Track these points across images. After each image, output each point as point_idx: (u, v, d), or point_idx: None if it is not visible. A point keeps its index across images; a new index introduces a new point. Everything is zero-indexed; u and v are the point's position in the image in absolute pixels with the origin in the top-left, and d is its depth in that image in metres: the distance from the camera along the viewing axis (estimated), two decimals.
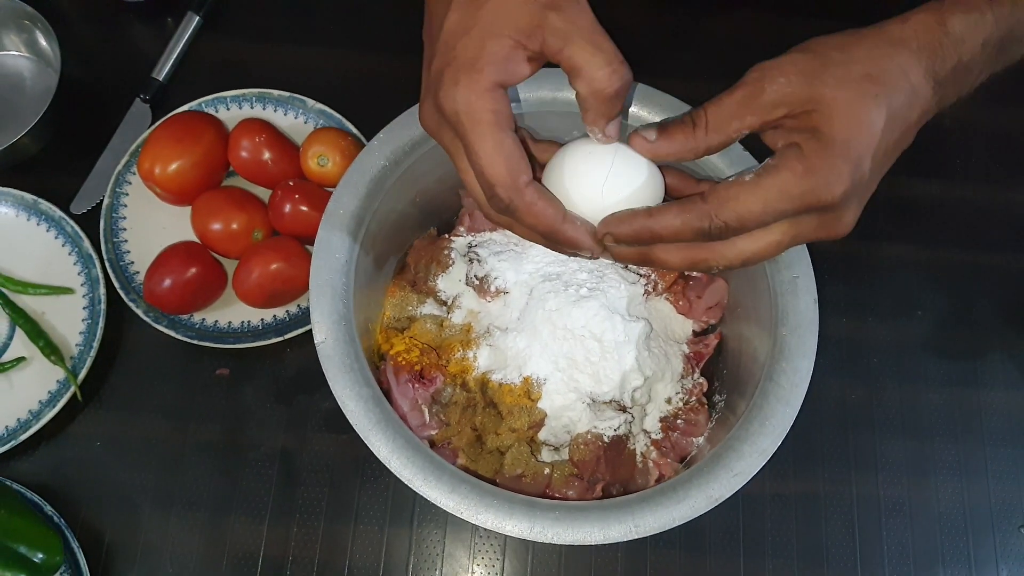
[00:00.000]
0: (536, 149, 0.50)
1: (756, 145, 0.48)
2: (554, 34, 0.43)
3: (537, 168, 0.49)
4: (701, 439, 0.66)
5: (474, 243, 0.70)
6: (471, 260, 0.69)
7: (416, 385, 0.65)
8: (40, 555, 0.64)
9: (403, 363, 0.66)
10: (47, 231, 0.77)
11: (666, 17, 0.90)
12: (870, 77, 0.43)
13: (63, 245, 0.76)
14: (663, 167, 0.49)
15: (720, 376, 0.69)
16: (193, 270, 0.72)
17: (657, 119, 0.64)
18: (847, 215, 0.45)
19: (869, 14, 0.47)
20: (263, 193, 0.78)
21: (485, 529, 0.69)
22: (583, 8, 0.44)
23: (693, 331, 0.71)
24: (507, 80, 0.45)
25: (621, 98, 0.45)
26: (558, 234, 0.46)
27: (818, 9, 0.84)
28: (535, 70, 0.46)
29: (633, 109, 0.65)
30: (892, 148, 0.45)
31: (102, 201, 0.77)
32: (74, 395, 0.71)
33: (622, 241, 0.46)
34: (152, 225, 0.77)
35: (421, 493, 0.54)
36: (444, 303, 0.69)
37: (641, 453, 0.66)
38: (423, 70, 0.48)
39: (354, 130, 0.79)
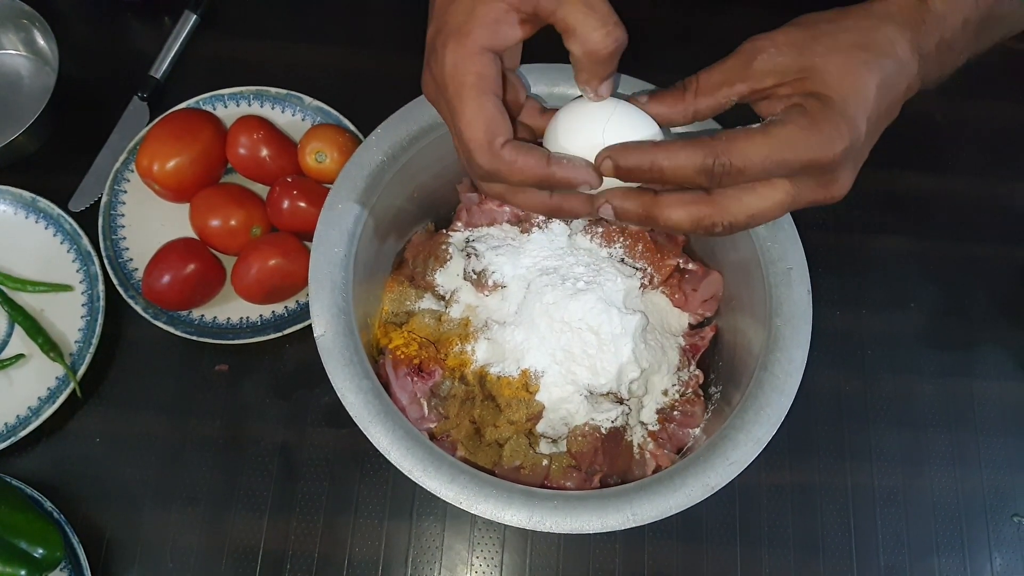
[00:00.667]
0: (543, 118, 0.50)
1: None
2: None
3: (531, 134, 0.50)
4: (697, 430, 0.67)
5: (471, 238, 0.71)
6: (468, 255, 0.69)
7: (415, 379, 0.65)
8: (40, 551, 0.64)
9: (402, 357, 0.66)
10: (46, 229, 0.77)
11: (670, 13, 0.91)
12: (859, 45, 0.45)
13: (62, 242, 0.76)
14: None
15: (716, 368, 0.70)
16: (192, 266, 0.72)
17: None
18: (843, 176, 0.45)
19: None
20: (261, 190, 0.78)
21: (484, 522, 0.70)
22: None
23: (689, 324, 0.72)
24: (496, 43, 0.45)
25: (615, 58, 0.45)
26: (550, 178, 0.45)
27: (813, 5, 0.85)
28: (529, 33, 0.46)
29: None
30: (883, 116, 0.46)
31: (100, 199, 0.77)
32: (73, 391, 0.71)
33: (622, 172, 0.45)
34: (151, 222, 0.77)
35: (420, 483, 0.55)
36: (442, 297, 0.70)
37: (638, 444, 0.67)
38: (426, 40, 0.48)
39: (351, 127, 0.79)
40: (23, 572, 0.63)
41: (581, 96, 0.48)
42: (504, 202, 0.49)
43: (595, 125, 0.46)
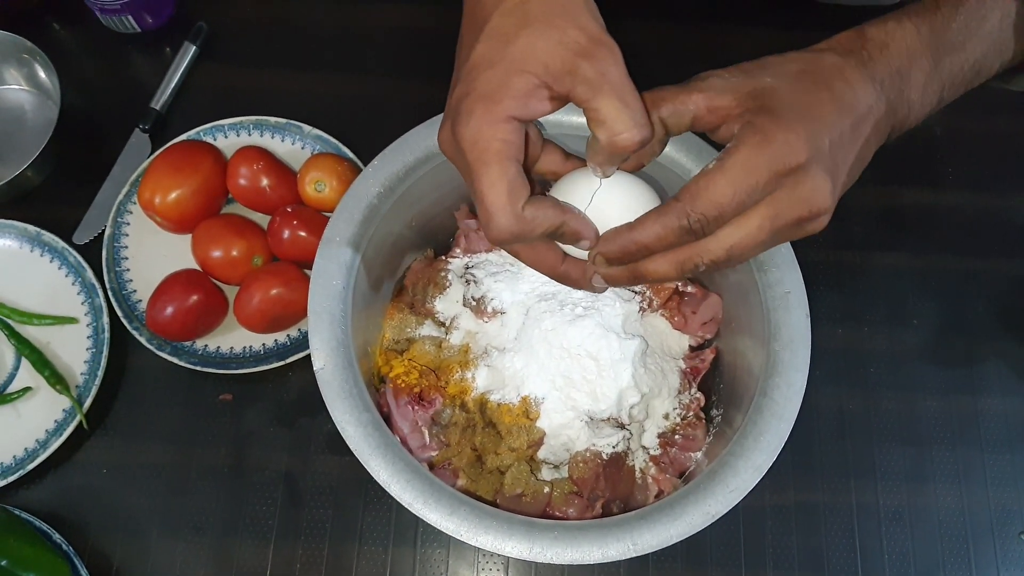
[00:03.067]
0: (567, 165, 0.51)
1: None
2: (585, 83, 0.43)
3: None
4: (699, 454, 0.67)
5: (470, 264, 0.71)
6: (468, 281, 0.69)
7: (416, 407, 0.66)
8: None
9: (402, 385, 0.66)
10: (50, 262, 0.78)
11: (681, 32, 0.92)
12: (806, 71, 0.46)
13: (66, 275, 0.77)
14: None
15: (717, 390, 0.70)
16: (195, 297, 0.73)
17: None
18: (818, 183, 0.44)
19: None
20: (262, 219, 0.79)
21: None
22: (616, 59, 0.44)
23: (689, 346, 0.72)
24: (524, 115, 0.45)
25: (634, 152, 0.45)
26: (563, 227, 0.46)
27: (818, 23, 0.85)
28: (556, 109, 0.46)
29: None
30: (849, 135, 0.46)
31: (104, 231, 0.78)
32: (80, 423, 0.72)
33: (612, 259, 0.47)
34: (153, 254, 0.78)
35: (421, 516, 0.55)
36: (442, 324, 0.70)
37: (640, 469, 0.67)
38: (449, 93, 0.48)
39: (351, 155, 0.80)
40: None
41: (580, 169, 0.50)
42: (517, 258, 0.50)
43: (587, 197, 0.48)
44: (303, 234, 0.74)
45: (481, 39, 0.46)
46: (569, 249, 0.49)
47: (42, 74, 0.83)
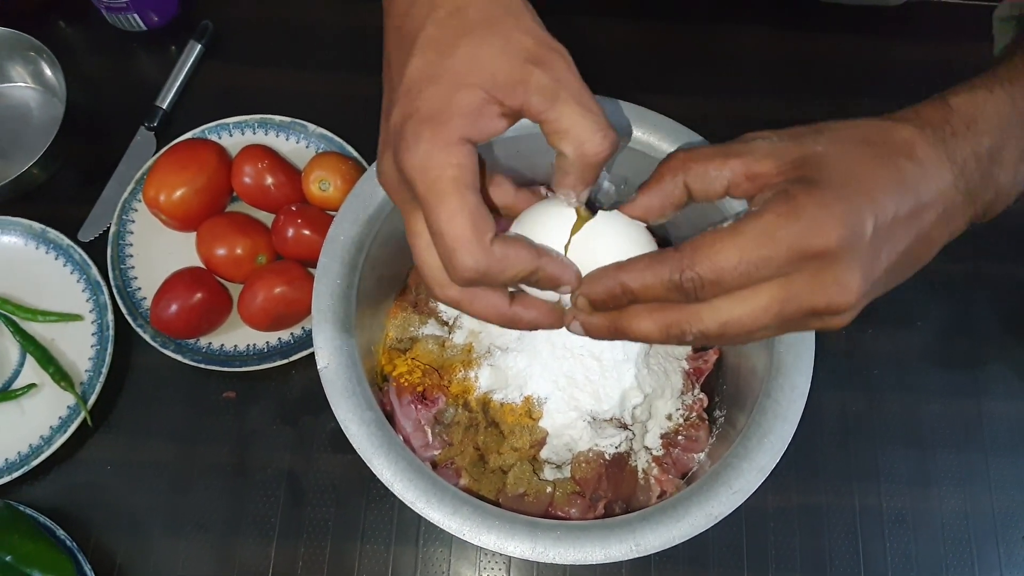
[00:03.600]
0: (518, 198, 0.47)
1: None
2: (540, 92, 0.40)
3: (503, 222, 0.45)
4: (702, 455, 0.67)
5: None
6: None
7: (419, 406, 0.66)
8: None
9: (406, 384, 0.67)
10: (55, 259, 0.78)
11: (672, 33, 0.91)
12: (867, 141, 0.39)
13: (71, 272, 0.78)
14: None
15: (720, 391, 0.70)
16: (199, 295, 0.73)
17: (654, 139, 0.66)
18: (847, 276, 0.37)
19: (866, 24, 0.44)
20: (266, 218, 0.79)
21: None
22: (569, 63, 0.41)
23: (692, 347, 0.72)
24: (477, 136, 0.40)
25: (605, 163, 0.42)
26: (538, 271, 0.41)
27: (818, 24, 0.85)
28: (508, 127, 0.42)
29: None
30: (904, 223, 0.38)
31: (109, 229, 0.78)
32: (84, 420, 0.72)
33: (596, 303, 0.42)
34: (158, 251, 0.78)
35: (423, 515, 0.55)
36: (445, 323, 0.70)
37: (643, 470, 0.67)
38: (381, 120, 0.44)
39: (355, 154, 0.80)
40: None
41: (548, 199, 0.46)
42: (459, 309, 0.45)
43: (563, 236, 0.43)
44: (307, 233, 0.74)
45: (415, 52, 0.41)
46: (530, 288, 0.44)
47: (48, 72, 0.83)
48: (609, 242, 0.43)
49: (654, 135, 0.66)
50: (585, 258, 0.43)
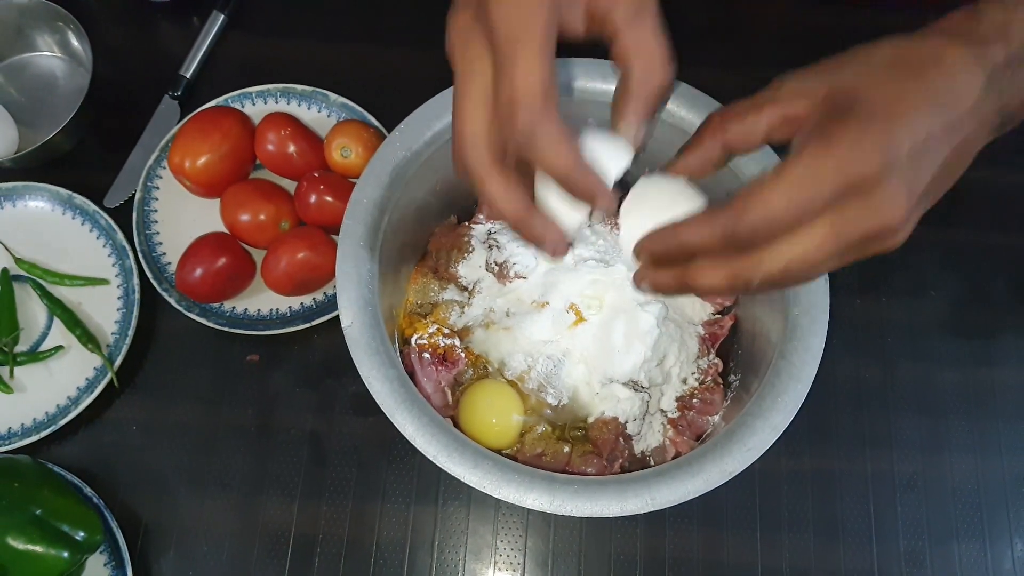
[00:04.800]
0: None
1: None
2: (627, 5, 0.41)
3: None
4: (716, 417, 0.68)
5: (493, 230, 0.72)
6: (490, 246, 0.71)
7: (439, 368, 0.67)
8: (82, 534, 0.66)
9: (426, 347, 0.68)
10: (82, 224, 0.79)
11: (678, 4, 0.91)
12: (897, 60, 0.40)
13: (97, 238, 0.79)
14: None
15: (735, 356, 0.71)
16: (223, 260, 0.74)
17: (672, 106, 0.67)
18: (892, 193, 0.38)
19: None
20: (289, 185, 0.80)
21: (508, 507, 0.72)
22: None
23: (709, 313, 0.73)
24: (560, 16, 0.41)
25: (666, 98, 0.42)
26: (576, 172, 0.42)
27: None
28: (581, 34, 0.42)
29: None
30: (939, 137, 0.39)
31: (134, 195, 0.79)
32: (111, 382, 0.74)
33: (657, 259, 0.44)
34: (183, 217, 0.79)
35: (446, 469, 0.57)
36: (465, 288, 0.71)
37: (659, 432, 0.68)
38: None
39: (376, 122, 0.81)
40: (66, 554, 0.65)
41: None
42: (480, 186, 0.45)
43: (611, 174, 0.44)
44: (329, 199, 0.75)
45: None
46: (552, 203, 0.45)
47: (74, 41, 0.84)
48: (660, 201, 0.44)
49: (672, 102, 0.66)
50: (637, 221, 0.44)
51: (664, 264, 0.44)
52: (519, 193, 0.45)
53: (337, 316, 0.61)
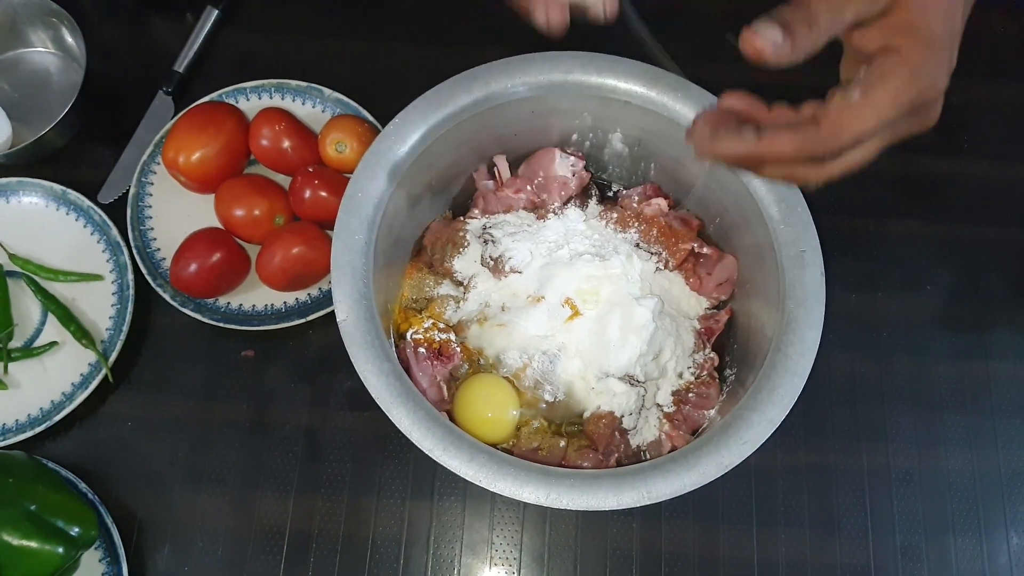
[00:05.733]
0: None
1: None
2: None
3: None
4: (712, 412, 0.68)
5: (488, 225, 0.72)
6: (486, 241, 0.70)
7: (434, 362, 0.67)
8: (76, 529, 0.66)
9: (422, 341, 0.68)
10: (76, 220, 0.79)
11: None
12: None
13: (92, 233, 0.79)
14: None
15: (731, 351, 0.71)
16: (217, 255, 0.74)
17: (668, 99, 0.66)
18: (940, 102, 0.44)
19: None
20: (284, 180, 0.80)
21: (504, 501, 0.72)
22: None
23: (704, 307, 0.73)
24: None
25: None
26: None
27: None
28: None
29: (641, 90, 0.66)
30: (963, 14, 0.45)
31: (128, 190, 0.79)
32: (105, 377, 0.74)
33: (729, 160, 0.45)
34: (177, 213, 0.79)
35: (441, 462, 0.56)
36: (460, 283, 0.71)
37: (654, 426, 0.68)
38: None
39: (370, 117, 0.81)
40: (60, 549, 0.64)
41: None
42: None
43: None
44: (324, 194, 0.75)
45: None
46: None
47: (68, 37, 0.84)
48: None
49: (668, 95, 0.66)
50: None
51: (733, 165, 0.46)
52: None
53: (332, 311, 0.61)
